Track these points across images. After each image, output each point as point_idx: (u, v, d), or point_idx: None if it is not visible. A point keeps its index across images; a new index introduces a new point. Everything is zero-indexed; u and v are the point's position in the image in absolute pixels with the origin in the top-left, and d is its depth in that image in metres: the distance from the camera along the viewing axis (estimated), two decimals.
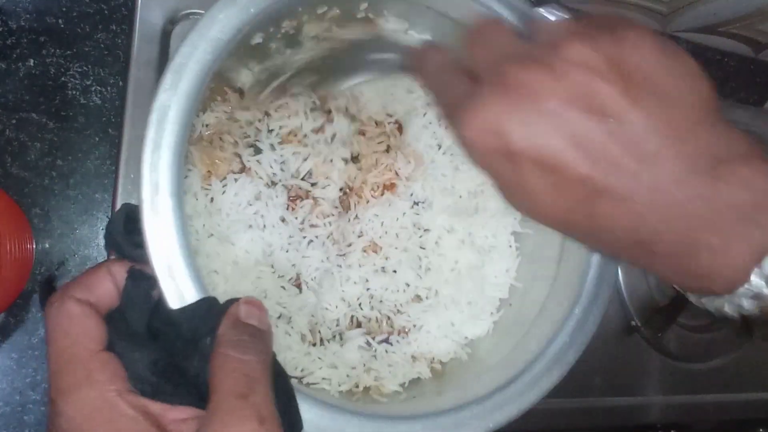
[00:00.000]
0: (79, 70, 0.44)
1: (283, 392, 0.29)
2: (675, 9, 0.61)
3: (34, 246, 0.42)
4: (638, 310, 0.58)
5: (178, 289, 0.28)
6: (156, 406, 0.26)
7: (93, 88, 0.45)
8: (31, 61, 0.43)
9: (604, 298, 0.37)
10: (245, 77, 0.40)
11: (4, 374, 0.41)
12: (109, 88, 0.45)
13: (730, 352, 0.62)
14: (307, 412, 0.30)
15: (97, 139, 0.44)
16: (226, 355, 0.26)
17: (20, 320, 0.42)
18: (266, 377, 0.26)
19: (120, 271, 0.29)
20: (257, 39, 0.37)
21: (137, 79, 0.43)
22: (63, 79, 0.44)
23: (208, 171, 0.40)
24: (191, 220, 0.39)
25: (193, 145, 0.39)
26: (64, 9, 0.45)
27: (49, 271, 0.43)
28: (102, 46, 0.45)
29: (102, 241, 0.44)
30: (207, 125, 0.40)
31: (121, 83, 0.45)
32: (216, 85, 0.40)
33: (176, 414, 0.26)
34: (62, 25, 0.44)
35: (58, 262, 0.43)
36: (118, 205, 0.42)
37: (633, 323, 0.58)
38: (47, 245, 0.43)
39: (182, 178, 0.30)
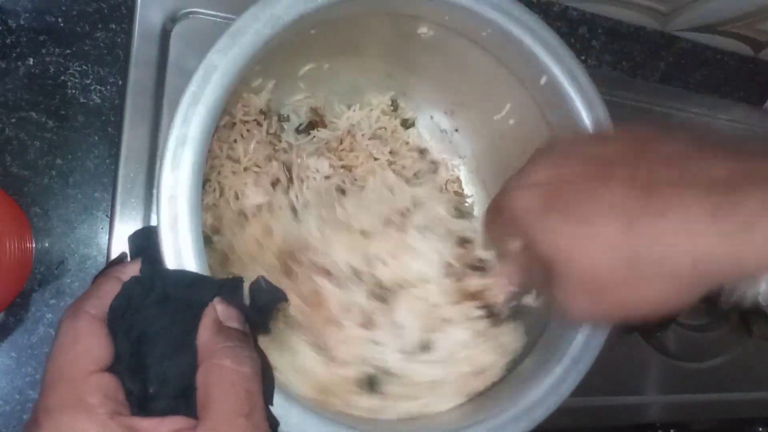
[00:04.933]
0: (79, 69, 0.44)
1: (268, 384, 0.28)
2: (675, 8, 0.61)
3: (34, 245, 0.42)
4: None
5: (176, 243, 0.28)
6: (146, 423, 0.25)
7: (92, 87, 0.45)
8: (31, 60, 0.43)
9: (586, 363, 0.38)
10: None
11: (4, 373, 0.41)
12: (108, 87, 0.45)
13: (730, 351, 0.62)
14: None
15: (96, 138, 0.44)
16: (221, 366, 0.25)
17: (20, 319, 0.42)
18: (261, 389, 0.26)
19: (130, 275, 0.28)
20: (313, 31, 0.38)
21: (137, 78, 0.43)
22: (62, 78, 0.44)
23: None
24: None
25: None
26: (63, 8, 0.44)
27: (49, 270, 0.43)
28: (101, 45, 0.45)
29: (101, 239, 0.44)
30: None
31: (120, 82, 0.45)
32: None
33: (166, 427, 0.25)
34: (62, 24, 0.44)
35: (57, 261, 0.43)
36: (118, 204, 0.42)
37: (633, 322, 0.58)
38: (47, 244, 0.43)
39: (210, 137, 0.30)
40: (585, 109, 0.39)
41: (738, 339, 0.63)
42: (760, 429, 0.64)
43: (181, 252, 0.28)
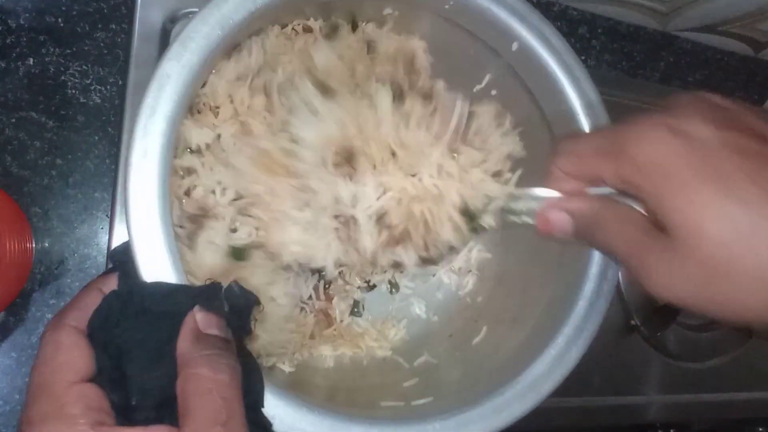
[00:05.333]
0: (79, 69, 0.44)
1: (255, 386, 0.28)
2: (675, 8, 0.61)
3: (34, 245, 0.42)
4: (638, 309, 0.58)
5: (150, 256, 0.28)
6: None
7: (92, 87, 0.45)
8: (31, 60, 0.43)
9: (590, 330, 0.37)
10: None
11: (4, 373, 0.41)
12: (108, 87, 0.45)
13: (730, 351, 0.62)
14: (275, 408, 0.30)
15: (96, 138, 0.44)
16: (197, 375, 0.25)
17: (20, 319, 0.42)
18: (240, 396, 0.26)
19: (111, 287, 0.28)
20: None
21: (137, 78, 0.43)
22: (62, 78, 0.44)
23: None
24: None
25: None
26: (63, 8, 0.44)
27: (49, 270, 0.43)
28: (101, 45, 0.45)
29: (101, 239, 0.44)
30: None
31: (120, 82, 0.45)
32: None
33: None
34: (62, 24, 0.44)
35: (57, 260, 0.43)
36: (118, 204, 0.42)
37: (633, 322, 0.58)
38: (47, 244, 0.43)
39: (173, 145, 0.30)
40: (561, 70, 0.39)
41: (738, 339, 0.63)
42: (760, 429, 0.64)
43: (156, 264, 0.28)
